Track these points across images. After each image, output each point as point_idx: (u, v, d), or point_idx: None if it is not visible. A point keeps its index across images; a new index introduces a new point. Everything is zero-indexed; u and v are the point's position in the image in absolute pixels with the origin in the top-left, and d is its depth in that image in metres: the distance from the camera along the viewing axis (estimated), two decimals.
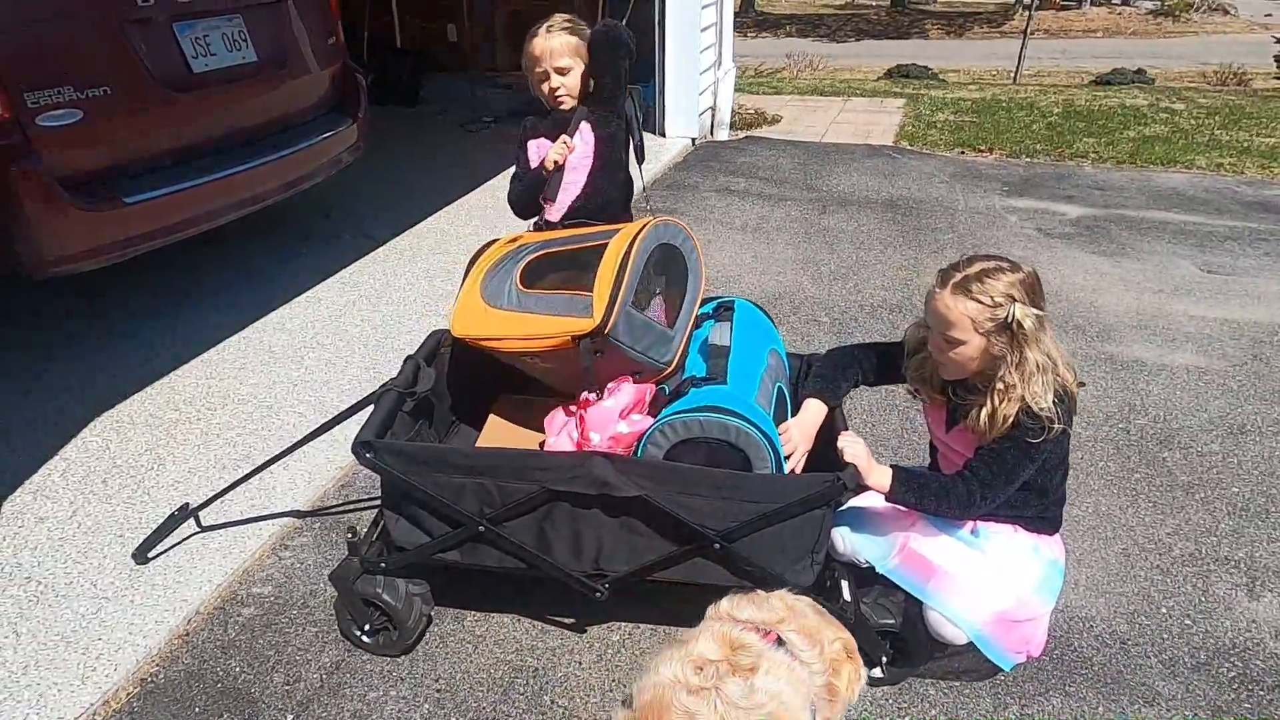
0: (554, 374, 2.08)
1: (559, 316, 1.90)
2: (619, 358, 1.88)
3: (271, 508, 2.43)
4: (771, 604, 1.39)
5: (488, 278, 2.12)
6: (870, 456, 1.78)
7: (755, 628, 1.33)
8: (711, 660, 1.25)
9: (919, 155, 6.40)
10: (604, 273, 1.88)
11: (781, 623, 1.35)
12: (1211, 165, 6.06)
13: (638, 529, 1.79)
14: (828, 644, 1.35)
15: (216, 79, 3.32)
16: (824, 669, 1.32)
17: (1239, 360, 3.37)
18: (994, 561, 1.84)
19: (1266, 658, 2.00)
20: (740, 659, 1.25)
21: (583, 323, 1.84)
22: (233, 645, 2.01)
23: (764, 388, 1.81)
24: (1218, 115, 7.65)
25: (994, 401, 1.68)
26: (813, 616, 1.40)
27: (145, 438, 2.75)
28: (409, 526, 1.88)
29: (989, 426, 1.70)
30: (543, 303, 1.97)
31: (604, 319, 1.82)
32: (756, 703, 1.19)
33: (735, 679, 1.22)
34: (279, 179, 3.63)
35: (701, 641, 1.30)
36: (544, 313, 1.94)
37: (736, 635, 1.30)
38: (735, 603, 1.41)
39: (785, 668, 1.27)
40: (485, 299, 2.06)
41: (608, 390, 1.91)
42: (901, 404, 3.04)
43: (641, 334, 1.91)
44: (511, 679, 1.93)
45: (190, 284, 3.87)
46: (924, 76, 11.16)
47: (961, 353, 1.71)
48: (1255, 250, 4.50)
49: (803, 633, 1.34)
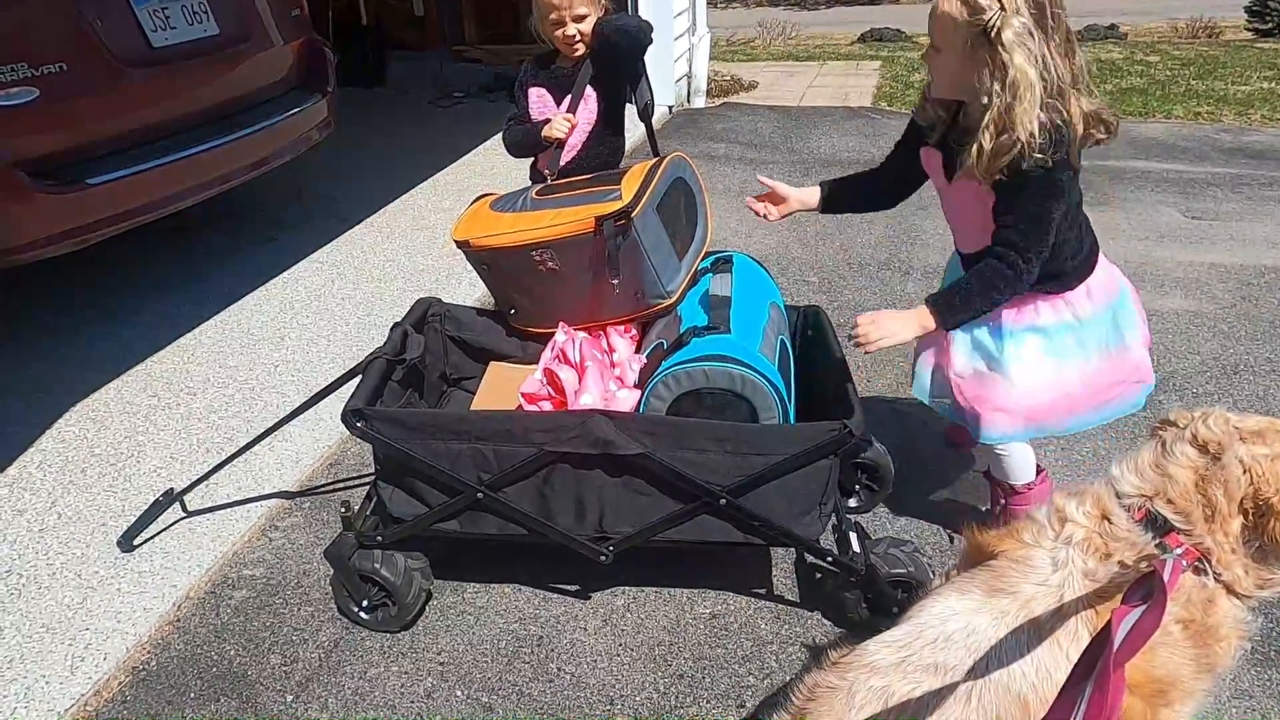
0: (561, 283, 1.98)
1: (583, 206, 1.88)
2: (632, 265, 1.86)
3: (259, 489, 2.36)
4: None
5: (497, 197, 2.09)
6: (896, 314, 1.68)
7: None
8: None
9: (899, 115, 6.34)
10: (632, 175, 1.89)
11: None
12: (1189, 114, 6.05)
13: (641, 488, 1.74)
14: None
15: (178, 53, 3.19)
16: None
17: (1228, 302, 3.36)
18: (1026, 366, 1.79)
19: None
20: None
21: (610, 205, 1.83)
22: (226, 629, 1.94)
23: (767, 339, 1.76)
24: (1192, 66, 7.65)
25: (983, 134, 1.53)
26: None
27: (123, 425, 2.66)
28: (405, 497, 1.82)
29: (981, 161, 1.55)
30: (562, 200, 1.95)
31: (633, 201, 1.82)
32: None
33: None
34: (247, 157, 3.52)
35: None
36: (565, 207, 1.92)
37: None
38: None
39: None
40: (493, 209, 2.03)
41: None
42: (896, 358, 3.01)
43: (659, 243, 1.89)
44: (516, 648, 1.88)
45: (161, 270, 3.76)
46: (898, 39, 11.09)
47: (940, 63, 1.56)
48: (1238, 195, 4.50)
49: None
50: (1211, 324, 3.20)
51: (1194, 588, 1.23)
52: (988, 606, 1.23)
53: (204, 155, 3.26)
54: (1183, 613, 1.24)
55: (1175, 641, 1.23)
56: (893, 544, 1.88)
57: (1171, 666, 1.23)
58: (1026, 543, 1.26)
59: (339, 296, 3.49)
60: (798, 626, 1.93)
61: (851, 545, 1.83)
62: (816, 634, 1.90)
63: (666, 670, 1.83)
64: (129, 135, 3.07)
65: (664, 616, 1.96)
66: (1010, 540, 1.28)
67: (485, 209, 2.04)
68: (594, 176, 2.04)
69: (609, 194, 1.86)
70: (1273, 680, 1.77)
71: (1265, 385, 2.81)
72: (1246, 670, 1.79)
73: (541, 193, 2.02)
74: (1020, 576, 1.24)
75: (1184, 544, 1.20)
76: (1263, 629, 1.88)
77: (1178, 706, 1.25)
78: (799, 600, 2.00)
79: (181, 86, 3.26)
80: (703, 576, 2.05)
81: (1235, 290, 3.46)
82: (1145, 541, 1.21)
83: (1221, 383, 2.82)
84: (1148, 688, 1.21)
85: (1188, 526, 1.20)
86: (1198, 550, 1.21)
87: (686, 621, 1.95)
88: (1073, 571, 1.22)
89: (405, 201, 4.63)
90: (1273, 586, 1.23)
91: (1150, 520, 1.21)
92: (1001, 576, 1.26)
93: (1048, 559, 1.24)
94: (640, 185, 1.87)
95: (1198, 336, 3.12)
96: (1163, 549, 1.20)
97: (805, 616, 1.95)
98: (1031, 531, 1.27)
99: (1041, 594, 1.22)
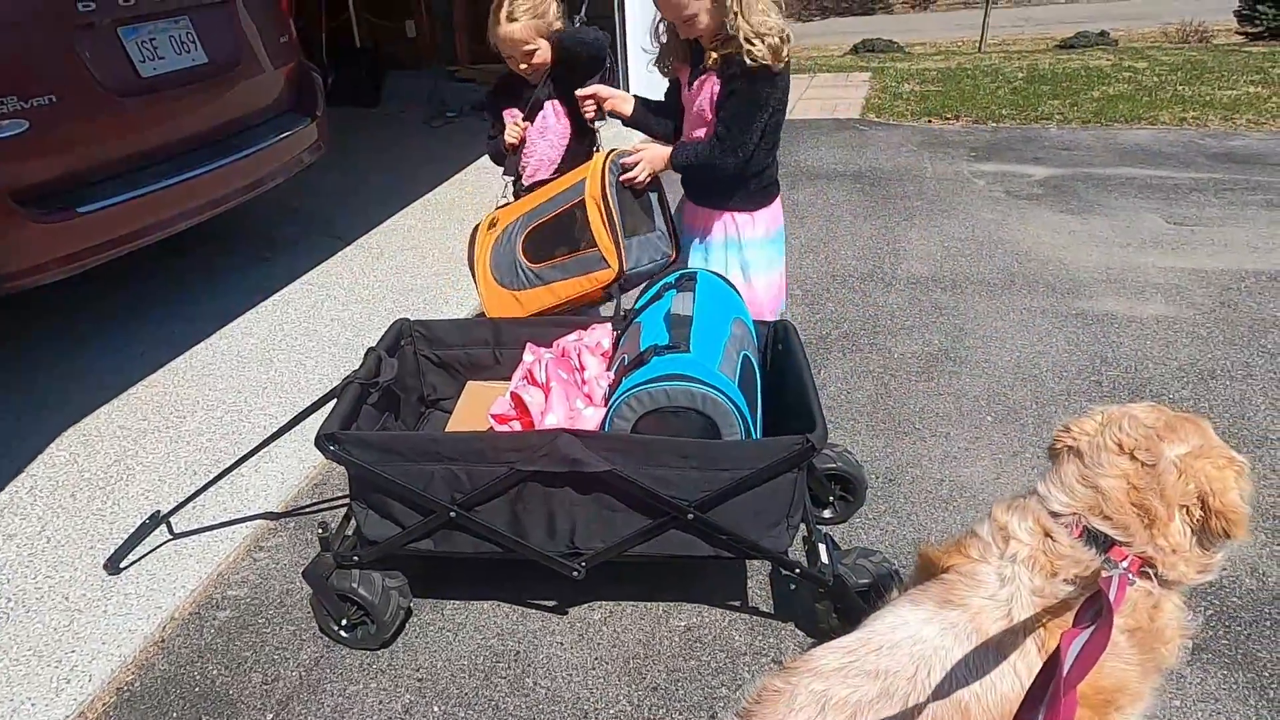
0: (571, 306, 2.43)
1: (580, 277, 2.31)
2: (637, 277, 2.31)
3: (244, 511, 2.40)
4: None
5: (493, 264, 2.45)
6: (656, 151, 2.25)
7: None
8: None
9: (886, 126, 6.40)
10: (596, 226, 2.25)
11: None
12: (1175, 120, 6.09)
13: (611, 504, 1.77)
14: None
15: (167, 82, 3.26)
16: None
17: (1207, 308, 3.39)
18: (763, 265, 2.35)
19: (1243, 594, 2.01)
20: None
21: (605, 275, 2.27)
22: (209, 649, 1.98)
23: (728, 355, 1.80)
24: (1180, 71, 7.69)
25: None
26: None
27: (113, 449, 2.71)
28: (379, 518, 1.86)
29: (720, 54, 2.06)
30: (559, 271, 2.35)
31: (620, 264, 2.23)
32: None
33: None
34: (238, 181, 3.58)
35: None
36: (564, 278, 2.35)
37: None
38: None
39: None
40: (504, 285, 2.43)
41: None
42: (875, 370, 3.04)
43: (644, 251, 2.29)
44: (493, 664, 1.92)
45: (154, 293, 3.81)
46: (890, 50, 11.15)
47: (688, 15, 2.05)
48: (1220, 200, 4.53)
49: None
50: (1190, 329, 3.23)
51: (1141, 596, 1.26)
52: (938, 618, 1.26)
53: (196, 180, 3.32)
54: (1130, 621, 1.26)
55: (1122, 651, 1.26)
56: (862, 554, 1.90)
57: (1119, 675, 1.26)
58: (973, 558, 1.29)
59: (328, 317, 3.54)
60: (771, 638, 1.96)
61: (820, 557, 1.86)
62: (790, 645, 1.93)
63: (640, 683, 1.86)
64: (120, 163, 3.13)
65: (639, 630, 1.99)
66: (958, 555, 1.31)
67: (495, 286, 2.45)
68: (559, 219, 2.35)
69: (596, 262, 2.27)
70: (1238, 683, 1.79)
71: (1241, 390, 2.83)
72: (1213, 673, 1.81)
73: (531, 254, 2.38)
74: (968, 590, 1.27)
75: (1128, 555, 1.23)
76: (1231, 633, 1.91)
77: (1127, 710, 1.28)
78: (773, 612, 2.02)
79: (171, 114, 3.33)
80: (678, 590, 2.08)
81: (1215, 296, 3.49)
82: (1089, 558, 1.24)
83: (1198, 388, 2.85)
84: (1096, 698, 1.24)
85: (1128, 539, 1.23)
86: (1141, 559, 1.24)
87: (661, 634, 1.98)
88: (1020, 588, 1.25)
89: (397, 221, 4.69)
90: (1210, 571, 1.26)
91: (1090, 537, 1.24)
92: (952, 589, 1.29)
93: (994, 575, 1.27)
94: (610, 238, 2.23)
95: (1176, 342, 3.14)
96: (1109, 564, 1.23)
97: (779, 628, 1.98)
98: (977, 547, 1.30)
99: (989, 607, 1.25)
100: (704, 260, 2.38)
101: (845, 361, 3.11)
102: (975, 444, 2.60)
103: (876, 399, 2.87)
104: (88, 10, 2.93)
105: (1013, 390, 2.88)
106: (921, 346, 3.19)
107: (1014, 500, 1.34)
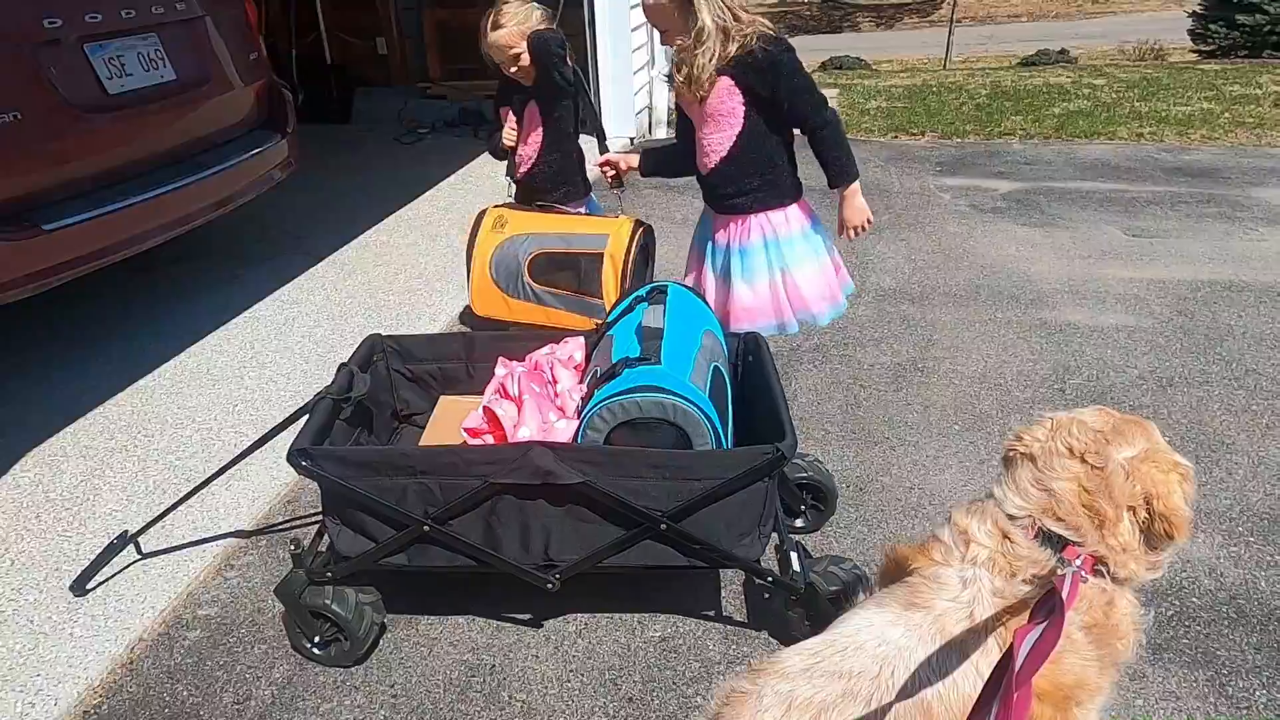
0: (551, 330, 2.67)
1: (577, 314, 2.64)
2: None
3: (214, 529, 2.38)
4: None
5: (494, 264, 2.70)
6: (846, 206, 2.39)
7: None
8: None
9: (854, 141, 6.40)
10: (609, 284, 2.64)
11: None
12: (1132, 135, 6.26)
13: (584, 516, 1.79)
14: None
15: (135, 99, 3.24)
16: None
17: (1165, 317, 3.49)
18: (808, 256, 2.43)
19: (1202, 595, 2.07)
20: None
21: (589, 321, 2.51)
22: (179, 669, 1.96)
23: (699, 367, 1.83)
24: (1136, 88, 7.91)
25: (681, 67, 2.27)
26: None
27: (79, 469, 2.67)
28: (352, 534, 1.86)
29: (687, 87, 2.27)
30: (559, 300, 2.69)
31: (608, 317, 2.37)
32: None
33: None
34: (207, 198, 3.55)
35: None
36: (561, 309, 2.68)
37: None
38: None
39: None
40: (501, 287, 2.71)
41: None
42: (845, 381, 3.09)
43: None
44: (468, 678, 1.91)
45: (123, 311, 3.77)
46: (857, 67, 11.36)
47: (663, 20, 2.26)
48: (1177, 212, 4.66)
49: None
50: (1149, 338, 3.32)
51: (1095, 593, 1.30)
52: (903, 619, 1.29)
53: (165, 197, 3.29)
54: (1086, 618, 1.30)
55: (1080, 647, 1.29)
56: (833, 562, 1.93)
57: (1078, 671, 1.29)
58: (936, 561, 1.33)
59: (299, 334, 3.53)
60: (745, 646, 1.97)
61: (792, 565, 1.88)
62: (764, 653, 1.95)
63: (616, 694, 1.86)
64: (87, 180, 3.10)
65: (614, 641, 2.00)
66: (922, 558, 1.35)
67: (490, 284, 2.69)
68: (576, 259, 2.71)
69: (597, 310, 2.58)
70: (1198, 681, 1.84)
71: (1198, 396, 2.91)
72: (1174, 671, 1.86)
73: (536, 274, 2.69)
74: (932, 593, 1.30)
75: (1080, 554, 1.27)
76: (1191, 633, 1.96)
77: (1087, 705, 1.32)
78: (747, 621, 2.04)
79: (140, 131, 3.30)
80: (653, 600, 2.10)
81: (1172, 305, 3.59)
82: (1045, 558, 1.28)
83: (1157, 395, 2.93)
84: (1056, 695, 1.27)
85: (1080, 539, 1.27)
86: (1094, 557, 1.28)
87: (636, 645, 1.99)
88: (981, 590, 1.29)
89: (369, 237, 4.67)
90: (1158, 568, 1.31)
91: (1045, 537, 1.28)
92: (916, 592, 1.32)
93: (957, 577, 1.30)
94: (618, 297, 2.41)
95: (1135, 351, 3.23)
96: (1063, 563, 1.27)
97: (753, 636, 2.00)
98: (940, 550, 1.33)
99: (953, 609, 1.28)
100: (742, 267, 2.41)
101: (816, 373, 3.16)
102: (943, 452, 2.65)
103: (846, 409, 2.92)
104: (54, 26, 2.91)
105: (979, 399, 2.94)
106: (890, 357, 3.25)
107: (973, 504, 1.38)
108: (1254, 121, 6.46)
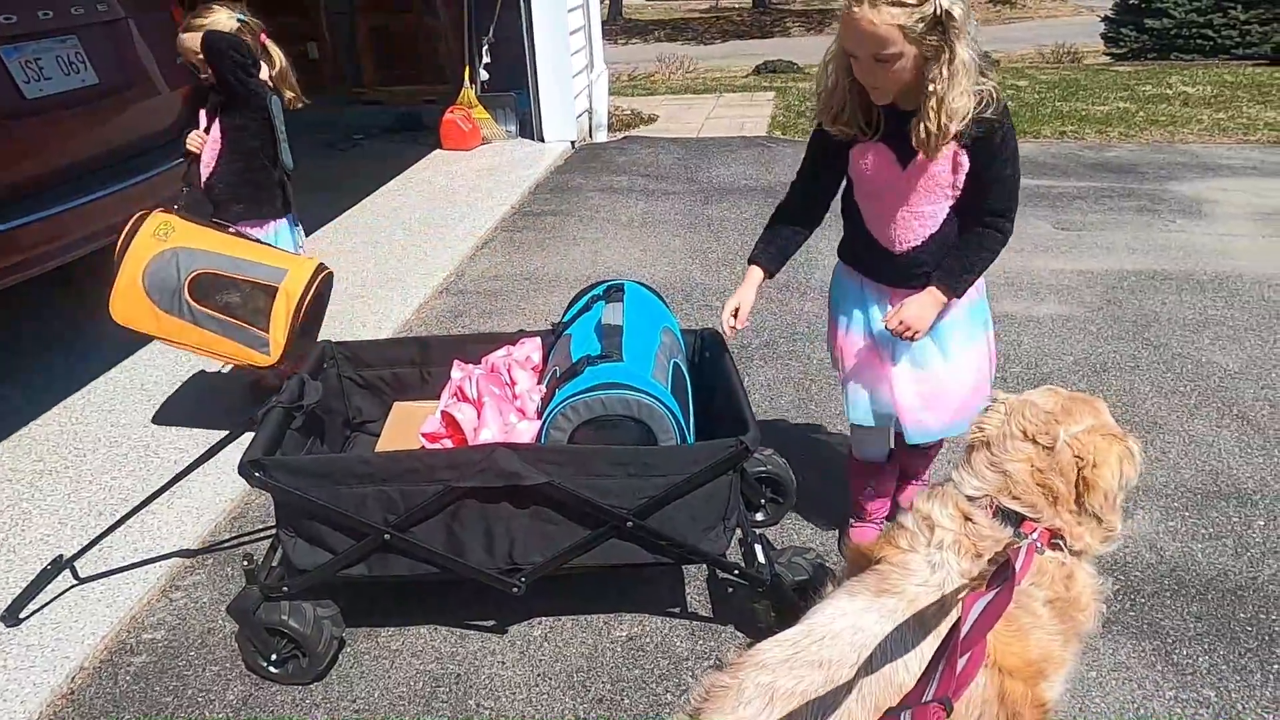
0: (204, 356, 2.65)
1: (235, 343, 2.49)
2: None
3: (158, 549, 2.28)
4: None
5: (149, 273, 2.48)
6: (915, 301, 1.80)
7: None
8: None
9: (792, 143, 6.61)
10: (278, 319, 2.46)
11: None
12: (1056, 133, 6.52)
13: (549, 517, 1.77)
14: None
15: (54, 104, 3.09)
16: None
17: (1096, 306, 3.63)
18: (965, 356, 1.94)
19: (1144, 568, 2.16)
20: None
21: (260, 358, 2.50)
22: (125, 697, 1.86)
23: (660, 364, 1.83)
24: (1057, 89, 8.24)
25: (929, 115, 1.62)
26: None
27: (6, 494, 2.53)
28: (308, 546, 1.80)
29: (929, 141, 1.65)
30: (217, 324, 2.48)
31: (280, 360, 2.48)
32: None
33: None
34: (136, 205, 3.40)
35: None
36: (219, 334, 2.49)
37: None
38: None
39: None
40: (152, 299, 2.48)
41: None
42: (796, 376, 3.13)
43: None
44: (433, 689, 1.87)
45: (43, 328, 3.59)
46: (790, 71, 11.56)
47: (899, 68, 1.60)
48: (1101, 206, 4.87)
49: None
50: (1082, 326, 3.45)
51: (1054, 566, 1.34)
52: (875, 606, 1.31)
53: (90, 205, 3.15)
54: (1048, 593, 1.34)
55: (1044, 622, 1.33)
56: (796, 553, 1.95)
57: (1044, 645, 1.33)
58: (903, 548, 1.35)
59: None
60: (712, 641, 1.98)
61: (757, 557, 1.90)
62: (730, 647, 1.95)
63: (585, 696, 1.85)
64: (5, 188, 2.94)
65: (581, 643, 1.98)
66: (888, 546, 1.37)
67: (141, 292, 2.47)
68: (245, 287, 2.49)
69: (259, 343, 2.48)
70: (1146, 651, 1.91)
71: (1130, 380, 3.04)
72: (1123, 643, 1.93)
73: (196, 294, 2.48)
74: (902, 579, 1.33)
75: (1036, 528, 1.31)
76: (1136, 605, 2.04)
77: (1053, 677, 1.36)
78: (713, 616, 2.05)
79: (62, 136, 3.15)
80: (618, 600, 2.09)
81: (1102, 294, 3.74)
82: (1006, 535, 1.32)
83: (1092, 380, 3.04)
84: (1026, 670, 1.31)
85: (1036, 514, 1.32)
86: (1051, 531, 1.33)
87: (604, 646, 1.97)
88: (950, 572, 1.32)
89: (308, 244, 4.53)
90: (1114, 539, 1.38)
91: (1003, 515, 1.32)
92: (886, 579, 1.34)
93: (925, 562, 1.33)
94: (285, 338, 2.45)
95: (1070, 338, 3.35)
96: (1020, 536, 1.31)
97: (719, 631, 2.01)
98: (905, 538, 1.36)
99: (924, 594, 1.31)
100: (951, 339, 1.93)
101: (767, 369, 3.19)
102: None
103: (799, 403, 2.95)
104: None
105: None
106: None
107: (932, 489, 1.41)
108: (1166, 120, 6.79)
